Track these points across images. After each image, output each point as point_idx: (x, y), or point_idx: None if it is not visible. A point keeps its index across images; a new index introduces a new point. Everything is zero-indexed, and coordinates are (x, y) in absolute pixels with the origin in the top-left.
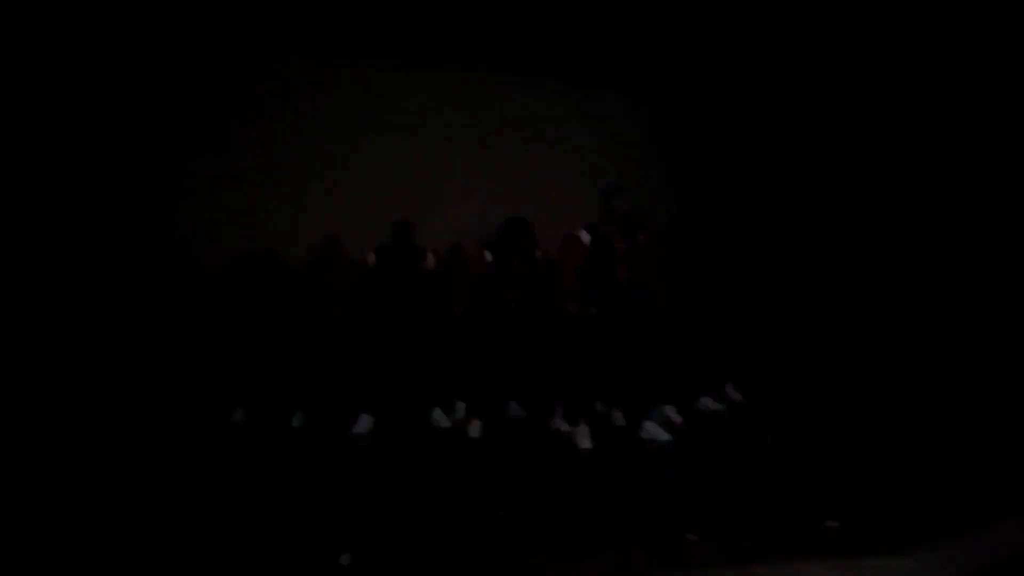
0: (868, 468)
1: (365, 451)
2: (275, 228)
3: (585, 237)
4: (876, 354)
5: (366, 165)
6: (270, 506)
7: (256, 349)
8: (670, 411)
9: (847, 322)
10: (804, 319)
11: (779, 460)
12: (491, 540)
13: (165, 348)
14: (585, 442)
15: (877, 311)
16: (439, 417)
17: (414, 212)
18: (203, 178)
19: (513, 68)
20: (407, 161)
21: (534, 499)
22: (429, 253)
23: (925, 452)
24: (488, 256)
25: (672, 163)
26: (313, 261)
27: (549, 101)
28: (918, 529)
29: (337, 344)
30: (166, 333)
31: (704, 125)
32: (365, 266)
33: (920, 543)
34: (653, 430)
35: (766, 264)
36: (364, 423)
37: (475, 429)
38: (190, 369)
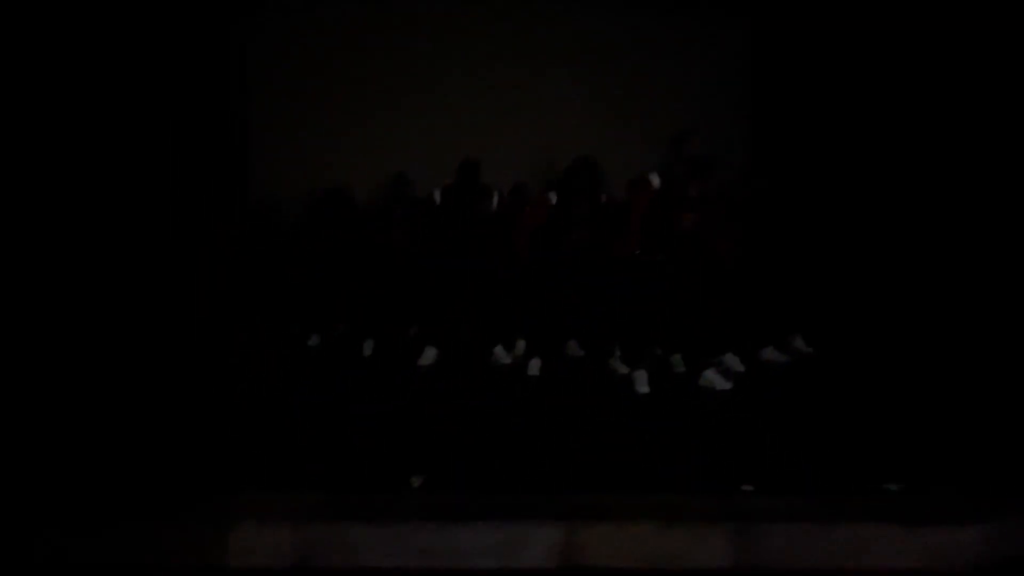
0: (939, 430)
1: (430, 382)
2: (345, 167)
3: (655, 181)
4: (955, 310)
5: (433, 104)
6: (344, 429)
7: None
8: (731, 359)
9: (923, 278)
10: (879, 273)
11: (843, 416)
12: (546, 477)
13: (247, 280)
14: (643, 386)
15: (957, 266)
16: (500, 354)
17: (480, 151)
18: (275, 119)
19: (585, 3)
20: (474, 100)
21: (590, 439)
22: (494, 192)
23: (1005, 416)
24: (553, 197)
25: (747, 108)
26: (382, 198)
27: (621, 40)
28: (985, 498)
29: (404, 279)
30: (248, 265)
31: (784, 70)
32: (432, 204)
33: (987, 513)
34: (713, 378)
35: (840, 216)
36: (429, 355)
37: (534, 367)
38: (274, 297)
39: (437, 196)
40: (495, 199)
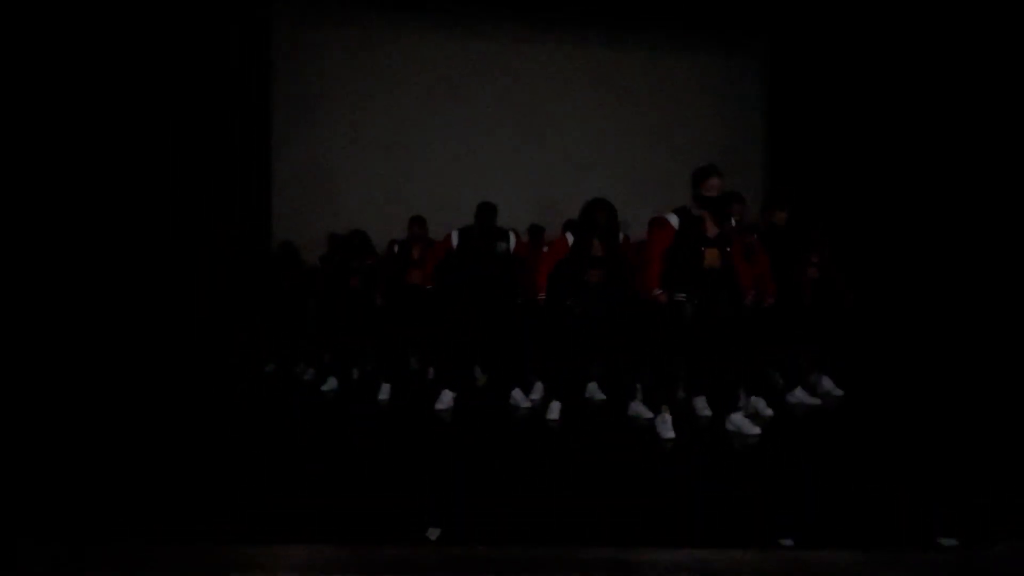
0: (989, 479)
1: (448, 427)
2: (363, 209)
3: (674, 220)
4: (999, 348)
5: (452, 145)
6: (358, 478)
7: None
8: (759, 403)
9: (959, 313)
10: (913, 310)
11: (884, 462)
12: (568, 527)
13: (265, 318)
14: (668, 431)
15: (993, 301)
16: (518, 397)
17: (497, 193)
18: (296, 166)
19: (603, 44)
20: (489, 143)
21: (613, 487)
22: (511, 234)
23: None
24: (570, 237)
25: (764, 145)
26: (398, 240)
27: (638, 78)
28: None
29: (419, 320)
30: (265, 304)
31: (799, 106)
32: (449, 246)
33: None
34: (740, 422)
35: (867, 251)
36: (446, 399)
37: (554, 411)
38: (287, 338)
39: (455, 238)
40: (512, 240)
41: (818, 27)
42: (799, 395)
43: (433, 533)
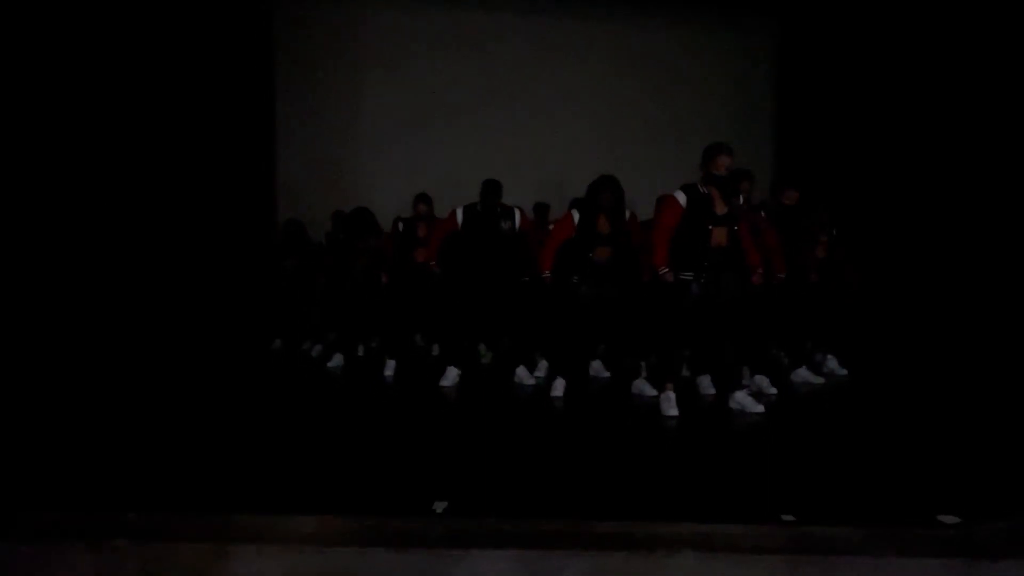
0: (991, 456)
1: (453, 403)
2: (369, 187)
3: (681, 198)
4: (1004, 329)
5: (456, 124)
6: (365, 452)
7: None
8: (762, 381)
9: (965, 294)
10: (919, 290)
11: (885, 441)
12: (572, 502)
13: (265, 297)
14: (671, 409)
15: (1000, 281)
16: (522, 374)
17: (503, 170)
18: (300, 142)
19: (612, 21)
20: (496, 120)
21: (616, 463)
22: (516, 211)
23: None
24: (576, 215)
25: (773, 123)
26: (403, 219)
27: (646, 55)
28: None
29: (424, 298)
30: (264, 281)
31: (809, 84)
32: (453, 223)
33: None
34: (744, 400)
35: (875, 231)
36: (451, 376)
37: (558, 388)
38: (294, 315)
39: (459, 215)
40: (517, 218)
41: (828, 6)
42: (803, 374)
43: (439, 506)
